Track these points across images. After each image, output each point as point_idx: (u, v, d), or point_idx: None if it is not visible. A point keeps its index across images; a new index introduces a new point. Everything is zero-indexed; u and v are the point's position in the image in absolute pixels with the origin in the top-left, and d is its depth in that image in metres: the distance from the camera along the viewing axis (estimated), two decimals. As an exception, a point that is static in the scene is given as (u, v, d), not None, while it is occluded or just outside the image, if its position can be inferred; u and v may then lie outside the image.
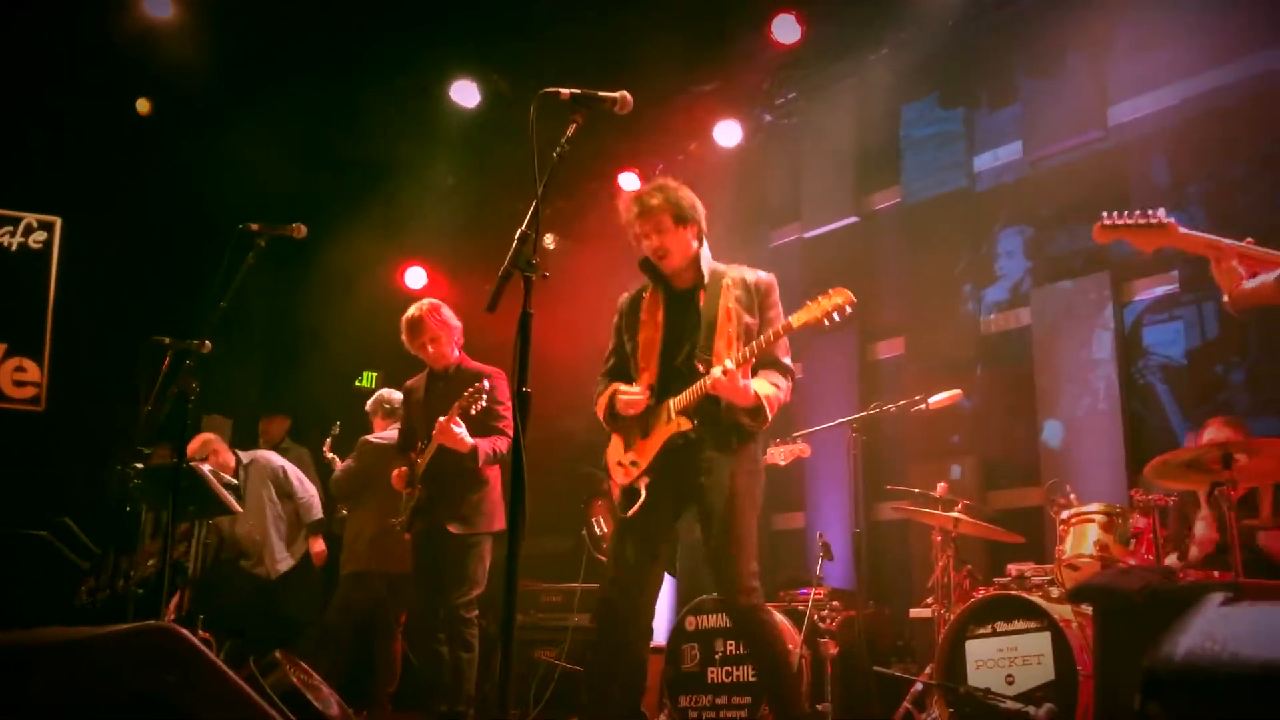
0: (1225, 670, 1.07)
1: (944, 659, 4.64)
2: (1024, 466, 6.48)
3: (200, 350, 4.35)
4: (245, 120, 7.37)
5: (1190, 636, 1.12)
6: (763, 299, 3.74)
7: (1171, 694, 1.08)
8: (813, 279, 7.96)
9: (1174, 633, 1.14)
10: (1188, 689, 1.09)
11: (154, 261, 7.48)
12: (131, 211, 7.54)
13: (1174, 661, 1.10)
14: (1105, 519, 4.64)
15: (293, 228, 4.50)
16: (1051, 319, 6.48)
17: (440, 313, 4.96)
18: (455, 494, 4.83)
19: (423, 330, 4.92)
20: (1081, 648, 4.26)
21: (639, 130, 7.89)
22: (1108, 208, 6.41)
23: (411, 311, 4.98)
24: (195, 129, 7.59)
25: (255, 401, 8.46)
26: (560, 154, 2.93)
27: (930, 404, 5.17)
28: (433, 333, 4.92)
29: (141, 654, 2.25)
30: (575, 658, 5.86)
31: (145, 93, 7.82)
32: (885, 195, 7.65)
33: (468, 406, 4.61)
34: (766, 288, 3.77)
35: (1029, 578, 4.91)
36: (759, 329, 3.69)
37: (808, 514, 7.47)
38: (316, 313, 8.27)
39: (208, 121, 7.52)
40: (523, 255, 2.77)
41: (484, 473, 4.86)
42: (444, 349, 4.95)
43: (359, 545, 5.65)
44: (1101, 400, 6.17)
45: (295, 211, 4.96)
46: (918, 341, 7.18)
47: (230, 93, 7.36)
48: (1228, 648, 1.09)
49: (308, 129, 7.79)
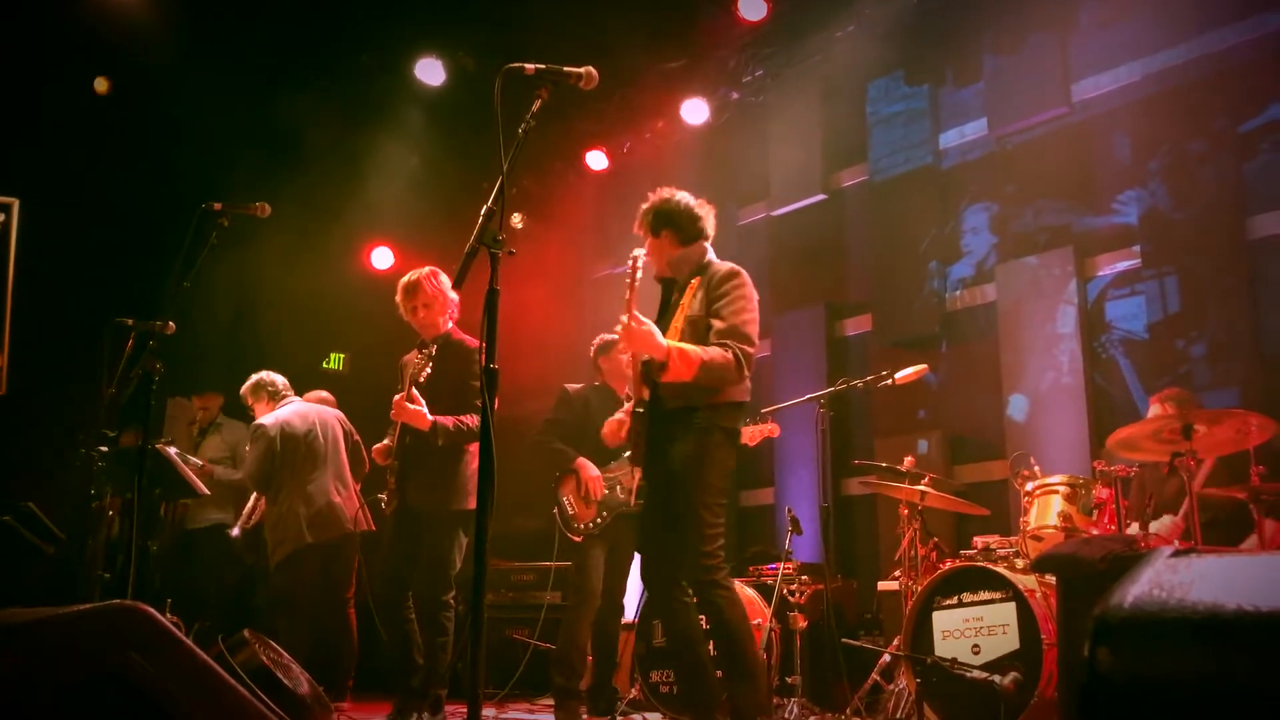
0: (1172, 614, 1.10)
1: (911, 630, 4.70)
2: (989, 440, 6.56)
3: (164, 331, 4.32)
4: (207, 98, 7.28)
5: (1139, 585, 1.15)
6: (715, 288, 3.71)
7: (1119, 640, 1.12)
8: (780, 257, 8.02)
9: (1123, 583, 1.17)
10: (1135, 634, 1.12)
11: (115, 242, 7.39)
12: (91, 192, 7.44)
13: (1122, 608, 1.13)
14: (1069, 490, 4.71)
15: (256, 207, 4.46)
16: (1016, 294, 6.55)
17: (437, 279, 4.90)
18: (429, 471, 4.75)
19: (417, 293, 4.86)
20: (1045, 617, 4.33)
21: (606, 109, 7.89)
22: (1072, 184, 6.53)
23: (411, 275, 4.95)
24: (155, 108, 7.49)
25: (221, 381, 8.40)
26: (526, 129, 2.93)
27: (897, 379, 5.20)
28: (426, 298, 4.86)
29: (107, 633, 2.24)
30: (548, 636, 5.88)
31: (104, 71, 7.71)
32: (853, 172, 7.69)
33: (417, 375, 4.58)
34: (721, 277, 3.73)
35: (994, 549, 4.98)
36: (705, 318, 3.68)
37: (776, 489, 7.52)
38: (281, 293, 8.21)
39: (168, 100, 7.42)
40: (489, 231, 2.77)
41: (462, 449, 4.80)
42: (435, 317, 4.89)
43: (289, 526, 5.53)
44: (1065, 374, 6.25)
45: (258, 190, 4.92)
46: (884, 318, 7.24)
47: (191, 71, 7.26)
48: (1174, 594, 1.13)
49: (270, 107, 7.70)
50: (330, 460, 5.71)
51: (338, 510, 5.59)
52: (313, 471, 5.61)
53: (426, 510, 4.77)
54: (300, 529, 5.49)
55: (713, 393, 3.65)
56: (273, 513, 5.64)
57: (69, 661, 2.18)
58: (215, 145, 7.31)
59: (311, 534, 5.49)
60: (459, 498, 4.77)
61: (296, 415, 5.73)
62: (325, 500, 5.57)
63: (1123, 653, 1.07)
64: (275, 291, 8.27)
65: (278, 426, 5.63)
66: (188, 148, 7.26)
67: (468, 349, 4.82)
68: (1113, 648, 1.09)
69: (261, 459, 5.58)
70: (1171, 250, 6.00)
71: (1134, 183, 6.24)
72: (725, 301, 3.67)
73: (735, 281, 3.72)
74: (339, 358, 8.96)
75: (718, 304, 3.67)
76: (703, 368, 3.51)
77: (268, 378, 5.96)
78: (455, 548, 4.80)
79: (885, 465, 5.40)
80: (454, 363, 4.81)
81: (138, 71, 7.41)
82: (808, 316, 7.66)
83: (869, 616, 6.03)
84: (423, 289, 4.86)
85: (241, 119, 7.57)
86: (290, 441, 5.61)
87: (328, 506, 5.57)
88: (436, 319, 4.88)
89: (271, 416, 5.70)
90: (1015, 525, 5.12)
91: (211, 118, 7.29)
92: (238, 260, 7.36)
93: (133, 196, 7.45)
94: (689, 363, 3.50)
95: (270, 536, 5.66)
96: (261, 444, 5.60)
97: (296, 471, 5.59)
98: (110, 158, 7.52)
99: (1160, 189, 6.09)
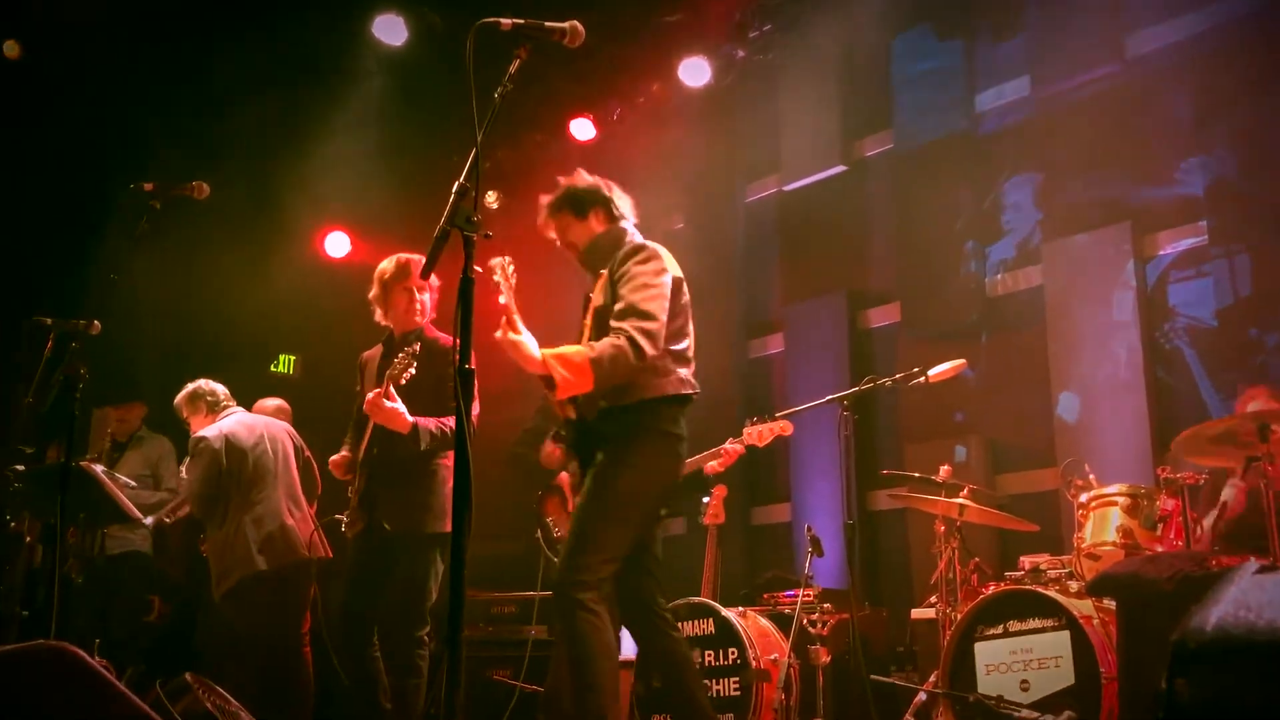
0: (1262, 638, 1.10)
1: (950, 664, 4.70)
2: (1037, 445, 6.57)
3: (88, 331, 4.31)
4: (133, 63, 7.26)
5: (1222, 606, 1.15)
6: (617, 269, 3.75)
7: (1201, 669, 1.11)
8: (794, 239, 8.02)
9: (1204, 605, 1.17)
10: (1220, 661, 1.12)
11: (31, 230, 7.38)
12: (2, 172, 7.43)
13: (1205, 633, 1.13)
14: (1129, 501, 4.71)
15: (192, 186, 4.46)
16: (1065, 277, 6.56)
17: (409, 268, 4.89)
18: (402, 487, 4.70)
19: (409, 275, 4.84)
20: (1104, 647, 4.34)
21: (592, 70, 7.87)
22: (1128, 151, 6.53)
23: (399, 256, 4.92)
24: (74, 74, 7.47)
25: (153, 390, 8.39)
26: (502, 95, 2.92)
27: (930, 377, 5.20)
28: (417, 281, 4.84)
29: (30, 680, 2.23)
30: (534, 677, 5.87)
31: (12, 34, 7.68)
32: (876, 140, 7.69)
33: (398, 376, 4.56)
34: (624, 255, 3.78)
35: (1044, 570, 4.98)
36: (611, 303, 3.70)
37: (793, 505, 7.52)
38: (221, 286, 8.19)
39: (89, 65, 7.40)
40: (462, 212, 2.77)
41: (438, 463, 4.76)
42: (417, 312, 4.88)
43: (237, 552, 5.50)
44: (1123, 368, 6.26)
45: (195, 169, 4.91)
46: (915, 307, 7.24)
47: (114, 32, 7.24)
48: (1264, 615, 1.12)
49: (207, 73, 7.68)
50: (281, 477, 5.70)
51: (291, 534, 5.58)
52: (262, 490, 5.60)
53: (399, 533, 4.73)
54: (250, 555, 5.46)
55: (635, 389, 3.65)
56: (218, 537, 5.61)
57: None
58: (144, 116, 7.29)
59: (263, 561, 5.47)
60: (437, 518, 4.73)
61: (242, 426, 5.72)
62: (278, 523, 5.55)
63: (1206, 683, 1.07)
64: (214, 284, 8.24)
65: (221, 439, 5.61)
66: (112, 119, 7.24)
67: (444, 348, 4.81)
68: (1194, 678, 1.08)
69: (205, 477, 5.55)
70: (1241, 226, 6.01)
71: (1198, 149, 6.24)
72: (624, 279, 3.70)
73: (638, 257, 3.75)
74: (289, 359, 8.95)
75: (621, 286, 3.70)
76: (594, 367, 3.51)
77: (206, 386, 5.94)
78: (432, 576, 4.76)
79: (918, 475, 5.40)
80: (433, 364, 4.80)
81: (53, 32, 7.39)
82: (826, 306, 7.66)
83: (901, 649, 6.03)
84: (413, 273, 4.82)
85: (173, 87, 7.55)
86: (236, 456, 5.60)
87: (280, 530, 5.55)
88: (417, 315, 4.87)
89: (214, 428, 5.68)
90: (1068, 542, 5.13)
91: (139, 85, 7.27)
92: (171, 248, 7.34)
93: (49, 176, 7.44)
94: (576, 369, 3.50)
95: (215, 564, 5.62)
96: (204, 459, 5.57)
97: (244, 490, 5.58)
98: (24, 133, 7.49)
99: (1228, 156, 6.10)
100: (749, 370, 8.16)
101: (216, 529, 5.64)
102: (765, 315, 8.24)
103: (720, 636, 5.32)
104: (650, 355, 3.60)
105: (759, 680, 5.15)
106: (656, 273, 3.71)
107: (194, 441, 5.67)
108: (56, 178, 7.43)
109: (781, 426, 5.41)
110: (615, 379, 3.58)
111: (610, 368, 3.53)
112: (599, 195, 3.96)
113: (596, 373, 3.51)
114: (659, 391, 3.70)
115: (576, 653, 3.60)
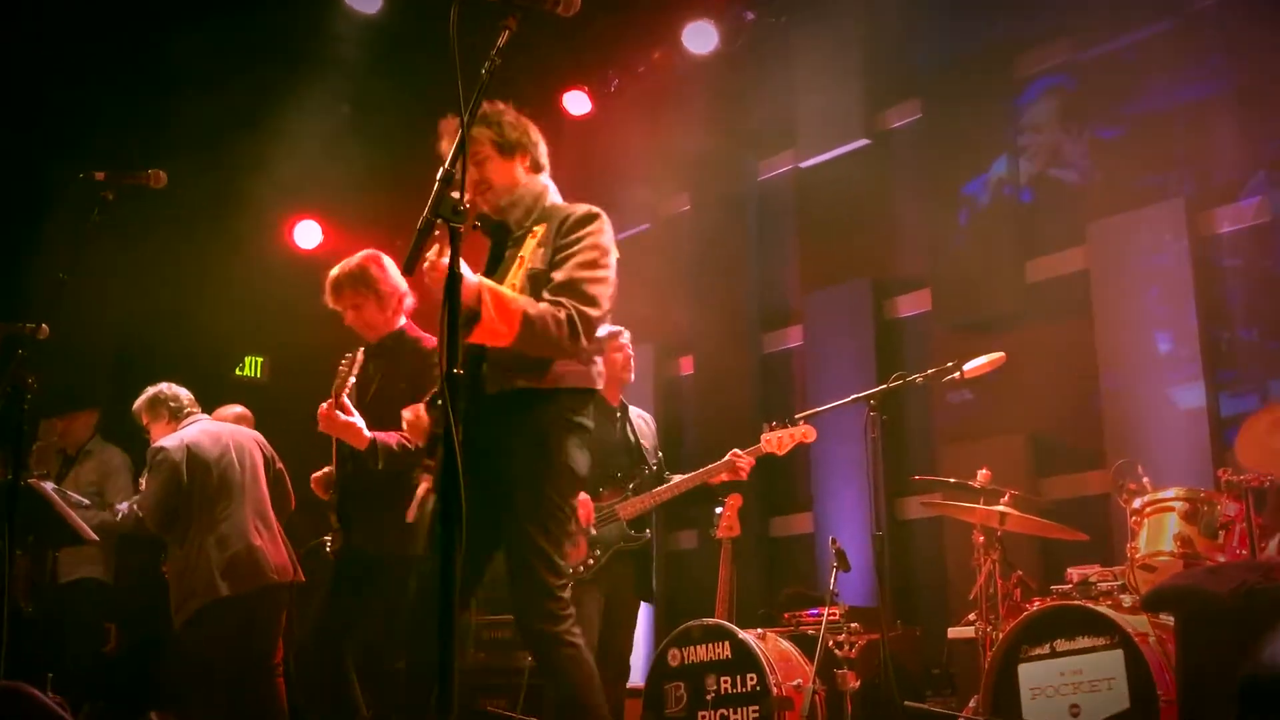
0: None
1: (992, 688, 4.71)
2: (1084, 445, 6.57)
3: (36, 336, 4.32)
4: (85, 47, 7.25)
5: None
6: (565, 233, 3.66)
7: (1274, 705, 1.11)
8: (812, 220, 8.02)
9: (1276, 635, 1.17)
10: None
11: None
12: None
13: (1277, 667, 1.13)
14: (1187, 507, 4.72)
15: (147, 175, 4.47)
16: (1112, 259, 6.55)
17: (370, 270, 4.89)
18: (375, 505, 4.72)
19: (344, 291, 4.86)
20: (1161, 667, 4.34)
21: (588, 37, 7.86)
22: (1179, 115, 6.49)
23: (337, 268, 4.92)
24: (14, 48, 7.46)
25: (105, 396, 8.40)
26: (490, 70, 2.92)
27: (965, 372, 5.21)
28: (358, 296, 4.87)
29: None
30: (531, 708, 5.89)
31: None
32: (903, 110, 7.69)
33: (340, 387, 4.58)
34: (577, 220, 3.69)
35: (1094, 583, 4.99)
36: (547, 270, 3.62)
37: (816, 515, 7.53)
38: (183, 283, 8.21)
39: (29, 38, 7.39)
40: (447, 201, 2.77)
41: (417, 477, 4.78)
42: (376, 316, 4.90)
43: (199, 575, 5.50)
44: (1178, 359, 6.25)
45: (150, 155, 4.92)
46: (947, 294, 7.24)
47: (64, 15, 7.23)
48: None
49: (160, 48, 7.68)
50: (248, 492, 5.71)
51: (259, 555, 5.58)
52: (227, 506, 5.60)
53: (375, 555, 4.76)
54: (212, 579, 5.46)
55: (556, 374, 3.60)
56: (178, 558, 5.61)
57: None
58: (94, 97, 7.28)
59: (226, 586, 5.47)
60: (417, 538, 4.75)
61: (205, 435, 5.73)
62: (244, 543, 5.56)
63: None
64: (173, 280, 8.26)
65: (183, 449, 5.62)
66: (57, 99, 7.23)
67: (423, 350, 4.82)
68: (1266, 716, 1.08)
69: (165, 490, 5.55)
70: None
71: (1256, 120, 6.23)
72: (573, 250, 3.63)
73: (591, 227, 3.69)
74: (256, 361, 8.97)
75: (564, 253, 3.63)
76: (525, 325, 3.40)
77: (168, 391, 5.95)
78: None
79: (953, 480, 5.41)
80: (405, 367, 4.80)
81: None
82: (849, 295, 7.66)
83: (937, 672, 6.04)
84: (344, 291, 4.85)
85: (123, 63, 7.54)
86: (199, 468, 5.60)
87: (246, 551, 5.55)
88: (379, 318, 4.88)
89: (175, 438, 5.69)
90: (1120, 552, 5.13)
91: (87, 62, 7.26)
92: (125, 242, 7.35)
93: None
94: (508, 314, 3.38)
95: (176, 588, 5.63)
96: (164, 471, 5.57)
97: (207, 506, 5.58)
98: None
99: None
100: (764, 367, 8.16)
101: (176, 548, 5.64)
102: (782, 306, 8.24)
103: (737, 661, 5.32)
104: (582, 345, 3.56)
105: (781, 709, 5.15)
106: (605, 253, 3.67)
107: (153, 452, 5.67)
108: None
109: (804, 432, 5.40)
110: (534, 349, 3.51)
111: (540, 335, 3.45)
112: (530, 138, 3.83)
113: (525, 331, 3.41)
114: (581, 382, 3.66)
115: (566, 693, 3.56)
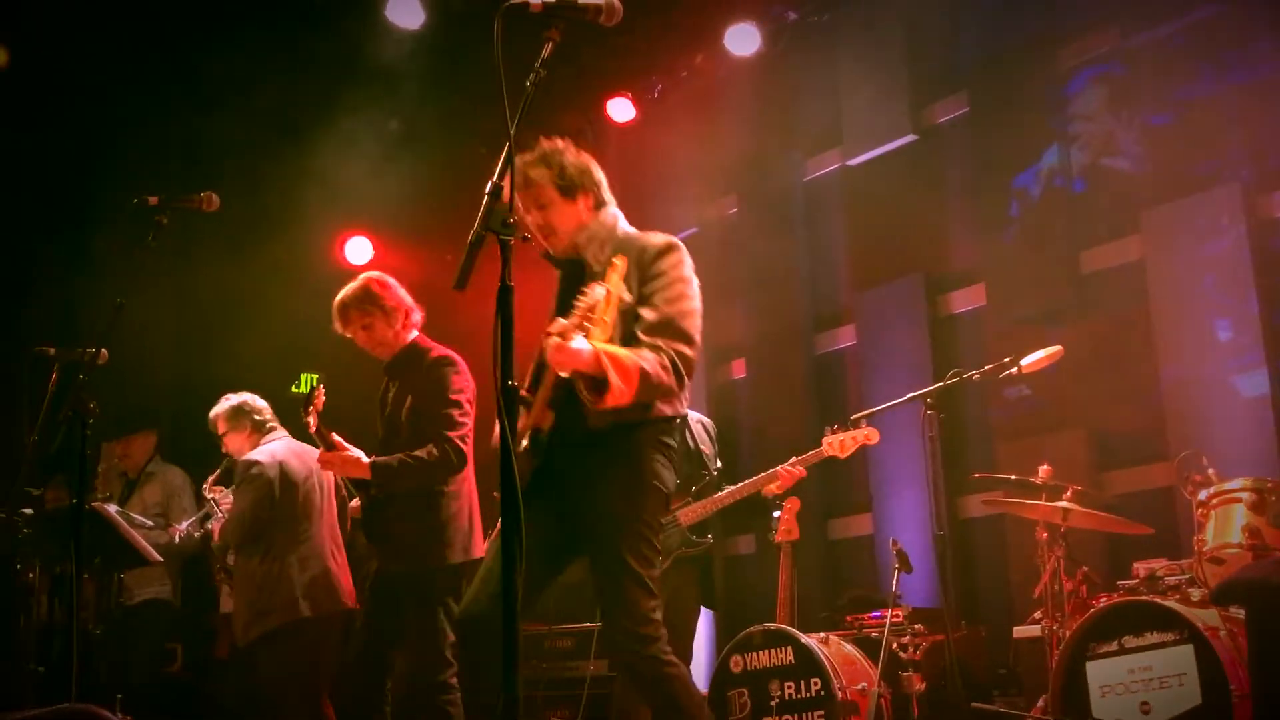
0: None
1: (1060, 687, 4.69)
2: (1147, 437, 6.50)
3: (96, 361, 4.38)
4: (130, 67, 7.35)
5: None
6: (648, 264, 3.61)
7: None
8: (862, 218, 7.99)
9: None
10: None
11: (29, 253, 7.50)
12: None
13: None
14: (1255, 497, 4.67)
15: (200, 198, 4.53)
16: (1169, 247, 6.49)
17: (372, 288, 4.96)
18: (396, 523, 4.82)
19: (347, 316, 4.96)
20: (1234, 661, 4.30)
21: (630, 44, 7.87)
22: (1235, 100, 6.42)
23: (340, 294, 5.00)
24: (63, 80, 7.58)
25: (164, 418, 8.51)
26: (535, 82, 2.95)
27: (1023, 367, 5.19)
28: (362, 318, 4.94)
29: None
30: (594, 718, 5.90)
31: (0, 40, 7.84)
32: (950, 104, 7.64)
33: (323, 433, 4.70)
34: (658, 251, 3.63)
35: (1162, 578, 4.95)
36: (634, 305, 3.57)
37: (875, 516, 7.50)
38: (235, 301, 8.29)
39: (78, 69, 7.50)
40: (496, 214, 2.78)
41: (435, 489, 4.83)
42: (381, 333, 4.97)
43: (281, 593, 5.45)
44: (1239, 346, 6.18)
45: (202, 178, 4.98)
46: (1001, 287, 7.19)
47: (110, 34, 7.33)
48: None
49: (210, 70, 7.78)
50: (325, 516, 5.66)
51: (334, 579, 5.56)
52: (308, 528, 5.58)
53: (399, 575, 4.85)
54: (294, 598, 5.43)
55: (644, 407, 3.52)
56: (258, 571, 5.54)
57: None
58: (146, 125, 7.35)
59: (307, 607, 5.44)
60: (435, 551, 4.79)
61: (294, 456, 5.67)
62: (321, 565, 5.53)
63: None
64: (226, 299, 8.35)
65: (276, 466, 5.57)
66: (112, 131, 7.32)
67: (435, 361, 4.87)
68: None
69: (257, 506, 5.50)
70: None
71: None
72: (661, 285, 3.58)
73: (674, 258, 3.64)
74: (311, 379, 9.02)
75: (650, 286, 3.57)
76: (642, 380, 3.36)
77: (253, 403, 5.89)
78: (442, 613, 4.80)
79: (1014, 477, 5.38)
80: (415, 380, 4.86)
81: (38, 38, 7.50)
82: (901, 291, 7.63)
83: (1004, 672, 6.00)
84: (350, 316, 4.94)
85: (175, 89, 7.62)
86: (289, 489, 5.57)
87: (324, 573, 5.53)
88: (388, 333, 4.97)
89: (266, 453, 5.64)
90: (1187, 546, 5.08)
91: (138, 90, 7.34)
92: (177, 263, 7.45)
93: (47, 194, 7.55)
94: (627, 375, 3.33)
95: (248, 601, 5.57)
96: (258, 487, 5.52)
97: (290, 526, 5.55)
98: (14, 147, 7.62)
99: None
100: (817, 368, 8.12)
101: (256, 562, 5.58)
102: (833, 305, 8.21)
103: (800, 666, 5.31)
104: (686, 385, 3.55)
105: (846, 713, 5.15)
106: (689, 284, 3.63)
107: (245, 464, 5.62)
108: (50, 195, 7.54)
109: (866, 434, 5.40)
110: (647, 399, 3.46)
111: (655, 388, 3.42)
112: (592, 178, 3.82)
113: (643, 387, 3.37)
114: (673, 411, 3.64)
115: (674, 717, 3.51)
